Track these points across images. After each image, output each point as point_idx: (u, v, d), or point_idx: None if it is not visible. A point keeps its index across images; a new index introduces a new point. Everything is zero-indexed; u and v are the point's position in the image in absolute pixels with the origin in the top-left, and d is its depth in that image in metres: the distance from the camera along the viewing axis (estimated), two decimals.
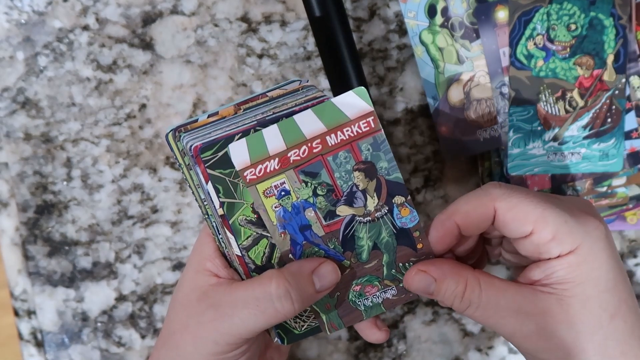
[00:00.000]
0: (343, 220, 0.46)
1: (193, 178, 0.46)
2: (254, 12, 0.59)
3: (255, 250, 0.46)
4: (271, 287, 0.45)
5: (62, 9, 0.59)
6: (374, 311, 0.49)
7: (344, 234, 0.46)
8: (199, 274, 0.47)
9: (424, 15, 0.56)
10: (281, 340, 0.48)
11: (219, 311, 0.45)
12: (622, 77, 0.55)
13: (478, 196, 0.45)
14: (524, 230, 0.44)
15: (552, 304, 0.44)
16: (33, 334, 0.61)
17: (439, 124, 0.58)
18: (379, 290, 0.48)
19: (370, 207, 0.46)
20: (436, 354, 0.62)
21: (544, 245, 0.44)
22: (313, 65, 0.60)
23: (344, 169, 0.45)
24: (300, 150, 0.44)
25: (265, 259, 0.46)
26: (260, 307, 0.45)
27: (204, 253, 0.48)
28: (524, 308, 0.45)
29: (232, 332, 0.45)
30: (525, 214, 0.44)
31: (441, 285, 0.46)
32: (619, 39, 0.55)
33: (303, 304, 0.45)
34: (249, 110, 0.47)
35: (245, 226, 0.46)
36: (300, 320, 0.48)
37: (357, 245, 0.47)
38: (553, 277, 0.45)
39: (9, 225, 0.60)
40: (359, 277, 0.47)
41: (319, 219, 0.46)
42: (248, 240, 0.46)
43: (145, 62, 0.59)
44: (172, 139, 0.46)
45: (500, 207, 0.45)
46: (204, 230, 0.49)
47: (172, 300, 0.49)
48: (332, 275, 0.46)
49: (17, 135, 0.59)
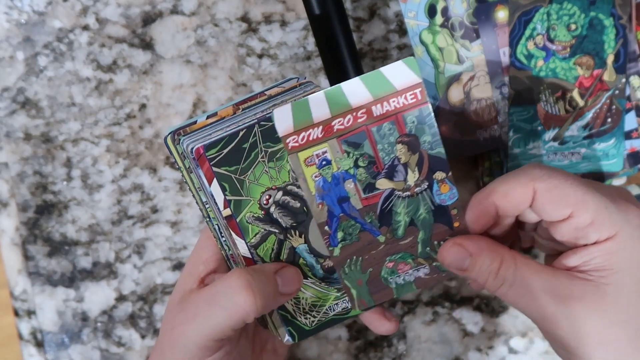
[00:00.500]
0: (382, 194, 0.45)
1: (194, 181, 0.46)
2: (254, 12, 0.59)
3: (264, 247, 0.46)
4: (231, 280, 0.44)
5: (62, 9, 0.59)
6: (405, 290, 0.48)
7: (381, 208, 0.45)
8: (188, 276, 0.47)
9: (424, 15, 0.56)
10: (292, 337, 0.48)
11: (186, 313, 0.45)
12: (622, 77, 0.55)
13: (517, 176, 0.44)
14: (562, 213, 0.43)
15: (588, 291, 0.43)
16: (33, 334, 0.61)
17: (439, 124, 0.58)
18: (412, 268, 0.47)
19: (410, 181, 0.45)
20: (436, 354, 0.62)
21: (582, 230, 0.43)
22: (313, 65, 0.60)
23: (387, 141, 0.44)
24: (345, 120, 0.43)
25: (274, 255, 0.46)
26: (221, 303, 0.44)
27: (200, 257, 0.48)
28: (558, 291, 0.43)
29: (198, 333, 0.44)
30: (565, 196, 0.43)
31: (477, 260, 0.44)
32: (619, 39, 0.55)
33: (266, 300, 0.44)
34: (248, 110, 0.47)
35: (253, 223, 0.45)
36: (311, 316, 0.48)
37: (394, 220, 0.46)
38: (590, 264, 0.43)
39: (9, 225, 0.60)
40: (393, 253, 0.47)
41: (357, 192, 0.45)
42: (256, 237, 0.46)
43: (145, 62, 0.59)
44: (171, 142, 0.46)
45: (540, 187, 0.43)
46: (204, 233, 0.48)
47: (167, 302, 0.49)
48: (294, 277, 0.46)
49: (17, 135, 0.59)
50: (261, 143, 0.44)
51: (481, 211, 0.45)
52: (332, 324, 0.49)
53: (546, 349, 0.62)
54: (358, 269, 0.46)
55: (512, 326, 0.62)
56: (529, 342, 0.62)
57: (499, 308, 0.62)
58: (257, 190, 0.45)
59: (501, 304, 0.62)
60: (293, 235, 0.46)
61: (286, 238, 0.46)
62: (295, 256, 0.46)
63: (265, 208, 0.45)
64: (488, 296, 0.62)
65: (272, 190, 0.45)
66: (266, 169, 0.45)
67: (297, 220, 0.46)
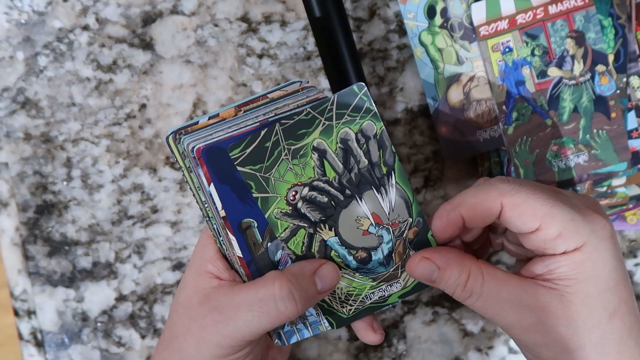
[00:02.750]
0: (552, 80, 0.52)
1: (194, 180, 0.46)
2: (254, 12, 0.59)
3: (294, 240, 0.46)
4: (274, 289, 0.45)
5: (62, 9, 0.59)
6: (565, 174, 0.53)
7: (551, 93, 0.52)
8: (200, 276, 0.47)
9: (423, 16, 0.56)
10: (331, 325, 0.49)
11: (222, 314, 0.45)
12: (622, 77, 0.55)
13: (485, 190, 0.45)
14: (530, 226, 0.44)
15: (553, 299, 0.44)
16: (33, 334, 0.61)
17: (439, 125, 0.58)
18: (573, 154, 0.52)
19: (576, 71, 0.52)
20: (436, 354, 0.62)
21: (550, 242, 0.44)
22: (313, 65, 0.60)
23: (559, 35, 0.53)
24: (527, 15, 0.53)
25: (305, 248, 0.46)
26: (263, 309, 0.45)
27: (206, 255, 0.48)
28: (525, 301, 0.45)
29: (236, 334, 0.45)
30: (532, 210, 0.44)
31: (444, 274, 0.45)
32: (618, 39, 0.55)
33: (306, 304, 0.45)
34: (250, 112, 0.47)
35: (282, 219, 0.46)
36: (347, 305, 0.48)
37: (560, 106, 0.52)
38: (556, 273, 0.45)
39: (9, 225, 0.60)
40: (558, 137, 0.52)
41: (532, 77, 0.53)
42: (285, 232, 0.46)
43: (145, 62, 0.59)
44: (173, 142, 0.46)
45: (507, 203, 0.44)
46: (205, 232, 0.49)
47: (174, 302, 0.49)
48: (332, 275, 0.47)
49: (17, 135, 0.59)
50: (283, 141, 0.44)
51: (448, 222, 0.46)
52: (369, 312, 0.49)
53: None
54: (527, 149, 0.52)
55: None
56: None
57: None
58: (283, 187, 0.45)
59: None
60: (323, 229, 0.46)
61: (316, 232, 0.46)
62: (326, 248, 0.47)
63: (292, 204, 0.45)
64: None
65: (298, 187, 0.45)
66: (290, 166, 0.45)
67: (326, 214, 0.46)
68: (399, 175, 0.46)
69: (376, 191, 0.46)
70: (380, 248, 0.47)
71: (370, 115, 0.45)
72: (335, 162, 0.45)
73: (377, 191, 0.46)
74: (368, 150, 0.45)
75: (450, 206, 0.46)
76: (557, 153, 0.54)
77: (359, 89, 0.44)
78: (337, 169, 0.45)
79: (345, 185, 0.46)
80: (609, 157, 0.56)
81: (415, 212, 0.47)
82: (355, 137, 0.45)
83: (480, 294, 0.45)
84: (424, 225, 0.47)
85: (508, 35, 0.54)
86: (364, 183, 0.46)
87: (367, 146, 0.45)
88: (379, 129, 0.45)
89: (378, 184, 0.46)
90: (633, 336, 0.45)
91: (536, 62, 0.54)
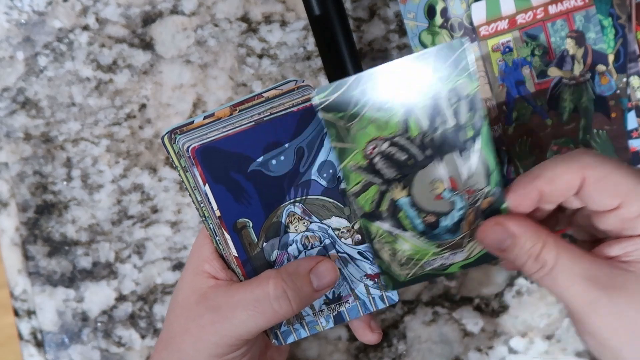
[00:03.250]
0: (552, 80, 0.52)
1: (189, 180, 0.46)
2: (254, 12, 0.59)
3: (365, 196, 0.45)
4: (269, 288, 0.45)
5: (62, 9, 0.59)
6: None
7: (551, 93, 0.52)
8: (197, 276, 0.48)
9: (423, 16, 0.56)
10: (387, 286, 0.48)
11: (219, 313, 0.46)
12: (623, 77, 0.55)
13: (566, 162, 0.42)
14: (611, 203, 0.42)
15: (630, 282, 0.42)
16: (33, 334, 0.61)
17: None
18: None
19: (576, 71, 0.51)
20: (436, 354, 0.62)
21: (630, 221, 0.42)
22: (313, 65, 0.60)
23: (559, 35, 0.53)
24: (527, 15, 0.53)
25: (374, 205, 0.45)
26: (259, 309, 0.45)
27: (202, 255, 0.48)
28: (598, 279, 0.42)
29: (233, 333, 0.45)
30: (615, 185, 0.41)
31: (518, 241, 0.43)
32: (618, 39, 0.55)
33: (301, 303, 0.45)
34: (245, 111, 0.47)
35: (355, 172, 0.44)
36: (406, 268, 0.47)
37: (561, 106, 0.52)
38: (632, 255, 0.42)
39: (9, 225, 0.60)
40: (558, 137, 0.52)
41: (532, 77, 0.53)
42: (357, 186, 0.44)
43: (145, 62, 0.59)
44: (168, 141, 0.46)
45: (590, 176, 0.42)
46: (202, 232, 0.49)
47: (172, 302, 0.49)
48: (330, 273, 0.46)
49: (17, 135, 0.59)
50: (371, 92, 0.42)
51: (524, 195, 0.44)
52: (426, 278, 0.48)
53: (546, 349, 0.62)
54: (527, 149, 0.52)
55: (512, 326, 0.62)
56: (529, 342, 0.62)
57: (499, 308, 0.62)
58: (362, 139, 0.43)
59: (501, 304, 0.62)
60: (396, 188, 0.45)
61: (388, 190, 0.45)
62: (395, 209, 0.45)
63: (369, 158, 0.44)
64: (488, 296, 0.62)
65: (378, 141, 0.43)
66: (374, 118, 0.43)
67: (402, 172, 0.44)
68: (485, 141, 0.43)
69: (457, 155, 0.44)
70: (451, 214, 0.45)
71: (466, 74, 0.42)
72: (421, 119, 0.43)
73: (459, 155, 0.44)
74: (457, 110, 0.43)
75: (528, 178, 0.43)
76: (557, 153, 0.54)
77: (459, 45, 0.41)
78: (422, 127, 0.43)
79: (427, 144, 0.43)
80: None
81: (494, 182, 0.44)
82: (447, 95, 0.42)
83: (552, 266, 0.42)
84: (500, 196, 0.44)
85: (508, 35, 0.54)
86: (446, 145, 0.43)
87: (458, 106, 0.43)
88: (472, 90, 0.42)
89: (461, 148, 0.44)
90: None
91: (536, 62, 0.54)
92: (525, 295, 0.62)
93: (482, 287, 0.62)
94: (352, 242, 0.47)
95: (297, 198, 0.46)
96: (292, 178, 0.45)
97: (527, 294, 0.62)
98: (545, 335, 0.62)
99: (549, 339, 0.62)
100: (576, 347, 0.62)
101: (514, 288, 0.61)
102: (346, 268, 0.48)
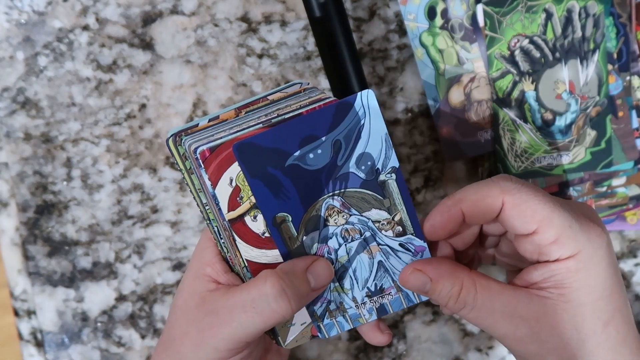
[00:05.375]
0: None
1: (194, 182, 0.46)
2: (254, 12, 0.59)
3: (501, 82, 0.53)
4: (266, 287, 0.44)
5: (62, 9, 0.59)
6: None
7: None
8: (198, 279, 0.47)
9: (423, 17, 0.56)
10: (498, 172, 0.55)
11: (218, 317, 0.45)
12: (625, 76, 0.55)
13: (488, 186, 0.45)
14: (528, 227, 0.44)
15: (547, 309, 0.44)
16: (33, 334, 0.61)
17: (440, 126, 0.58)
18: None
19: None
20: (436, 354, 0.63)
21: (545, 247, 0.44)
22: (313, 65, 0.60)
23: None
24: None
25: (506, 94, 0.53)
26: (257, 309, 0.44)
27: (204, 258, 0.48)
28: (518, 312, 0.44)
29: (232, 337, 0.45)
30: (532, 211, 0.44)
31: (437, 285, 0.45)
32: (620, 38, 0.55)
33: (299, 302, 0.45)
34: (250, 113, 0.47)
35: (499, 59, 0.53)
36: (520, 161, 0.54)
37: None
38: (550, 281, 0.44)
39: (9, 225, 0.60)
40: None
41: None
42: (497, 72, 0.53)
43: (145, 62, 0.59)
44: (173, 144, 0.46)
45: (509, 201, 0.44)
46: (205, 235, 0.49)
47: (173, 305, 0.49)
48: (325, 272, 0.46)
49: (17, 135, 0.59)
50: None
51: (449, 217, 0.46)
52: (533, 176, 0.52)
53: None
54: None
55: None
56: None
57: None
58: (509, 33, 0.52)
59: None
60: (526, 80, 0.52)
61: (520, 80, 0.52)
62: (522, 100, 0.52)
63: (511, 50, 0.52)
64: None
65: (521, 37, 0.52)
66: (522, 17, 0.52)
67: (533, 68, 0.53)
68: (602, 55, 0.52)
69: (579, 62, 0.52)
70: (565, 115, 0.51)
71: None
72: (556, 26, 0.52)
73: (580, 62, 0.52)
74: (585, 25, 0.52)
75: (452, 201, 0.46)
76: None
77: None
78: (556, 32, 0.52)
79: (557, 48, 0.52)
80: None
81: (604, 94, 0.52)
82: (579, 11, 0.52)
83: (473, 305, 0.45)
84: (607, 107, 0.52)
85: None
86: (572, 52, 0.52)
87: (585, 21, 0.52)
88: (599, 10, 0.52)
89: (583, 56, 0.52)
90: (627, 344, 0.45)
91: None
92: None
93: None
94: (392, 234, 0.47)
95: (335, 191, 0.45)
96: (330, 171, 0.45)
97: None
98: None
99: None
100: None
101: None
102: (388, 260, 0.48)
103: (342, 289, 0.48)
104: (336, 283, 0.47)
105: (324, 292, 0.47)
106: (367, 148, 0.45)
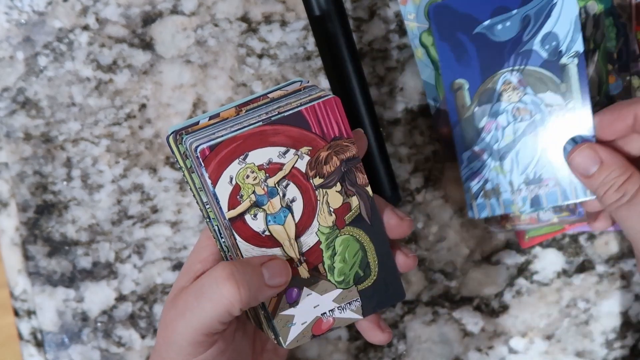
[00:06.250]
0: None
1: (195, 181, 0.46)
2: (254, 12, 0.59)
3: None
4: (216, 272, 0.43)
5: (62, 9, 0.59)
6: None
7: None
8: (185, 275, 0.47)
9: (423, 17, 0.56)
10: None
11: (176, 309, 0.45)
12: (625, 76, 0.55)
13: None
14: None
15: None
16: (33, 334, 0.61)
17: (440, 126, 0.58)
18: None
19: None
20: (436, 354, 0.63)
21: None
22: (313, 65, 0.60)
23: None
24: None
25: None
26: (206, 295, 0.43)
27: (199, 256, 0.47)
28: None
29: (188, 329, 0.44)
30: None
31: (604, 170, 0.44)
32: (620, 38, 0.55)
33: (249, 291, 0.43)
34: (251, 111, 0.46)
35: None
36: None
37: None
38: None
39: (9, 225, 0.60)
40: None
41: None
42: None
43: (145, 62, 0.59)
44: (173, 142, 0.46)
45: None
46: (204, 233, 0.48)
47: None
48: (281, 268, 0.45)
49: (17, 135, 0.59)
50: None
51: (619, 116, 0.45)
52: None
53: (546, 349, 0.62)
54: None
55: (512, 326, 0.62)
56: (529, 342, 0.62)
57: (499, 308, 0.62)
58: None
59: (501, 304, 0.62)
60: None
61: None
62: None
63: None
64: (488, 296, 0.62)
65: None
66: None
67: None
68: (602, 55, 0.49)
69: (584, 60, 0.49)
70: None
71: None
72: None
73: (584, 61, 0.48)
74: (584, 24, 0.49)
75: (626, 102, 0.45)
76: None
77: None
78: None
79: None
80: None
81: (604, 94, 0.49)
82: (579, 10, 0.48)
83: (632, 197, 0.43)
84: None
85: None
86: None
87: (585, 21, 0.49)
88: (599, 10, 0.49)
89: (585, 56, 0.48)
90: None
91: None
92: (525, 295, 0.62)
93: (482, 287, 0.62)
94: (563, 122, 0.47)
95: (515, 67, 0.45)
96: (514, 45, 0.45)
97: (527, 294, 0.62)
98: (545, 335, 0.62)
99: (549, 339, 0.62)
100: (576, 347, 0.62)
101: (514, 288, 0.62)
102: (552, 149, 0.47)
103: (501, 169, 0.47)
104: (497, 162, 0.47)
105: (482, 169, 0.46)
106: (555, 28, 0.45)
